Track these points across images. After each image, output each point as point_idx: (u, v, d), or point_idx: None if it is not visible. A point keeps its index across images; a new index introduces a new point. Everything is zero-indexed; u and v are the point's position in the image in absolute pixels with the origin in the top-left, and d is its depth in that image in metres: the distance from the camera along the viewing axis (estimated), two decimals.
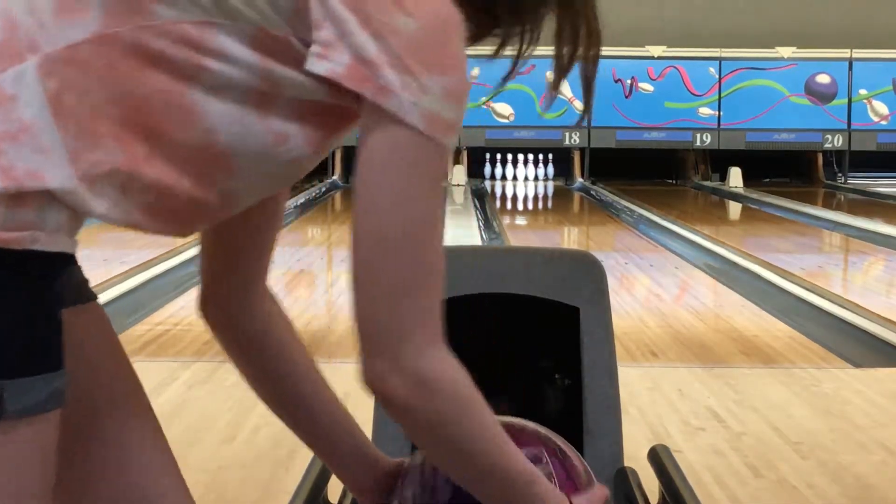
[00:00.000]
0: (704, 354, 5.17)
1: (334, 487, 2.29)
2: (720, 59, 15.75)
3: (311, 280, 7.57)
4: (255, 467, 3.41)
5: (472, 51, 1.29)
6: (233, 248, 1.51)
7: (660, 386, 4.44)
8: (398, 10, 1.19)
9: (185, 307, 5.98)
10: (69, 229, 1.22)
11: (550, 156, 15.95)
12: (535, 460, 1.48)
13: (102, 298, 5.65)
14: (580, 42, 1.37)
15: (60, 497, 1.31)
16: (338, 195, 14.28)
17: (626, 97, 15.60)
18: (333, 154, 15.68)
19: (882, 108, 15.74)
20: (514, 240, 9.65)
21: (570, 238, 10.36)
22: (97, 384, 1.40)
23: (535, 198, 14.44)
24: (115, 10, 1.19)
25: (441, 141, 1.22)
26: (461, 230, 9.68)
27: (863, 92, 15.76)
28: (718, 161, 15.78)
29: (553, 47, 1.37)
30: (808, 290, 6.68)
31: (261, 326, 1.55)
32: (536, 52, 1.39)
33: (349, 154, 15.84)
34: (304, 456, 3.37)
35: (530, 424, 1.64)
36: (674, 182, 16.20)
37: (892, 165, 15.95)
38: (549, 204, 13.95)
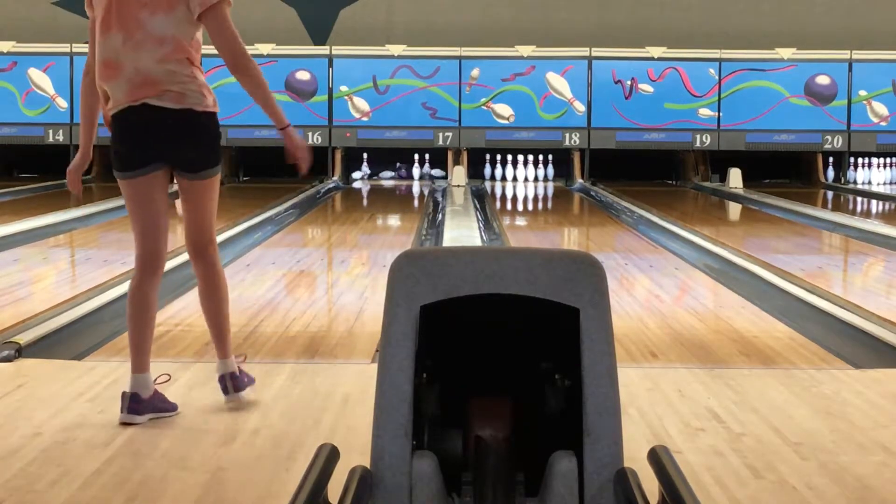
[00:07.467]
0: (704, 355, 5.17)
1: (334, 487, 2.29)
2: (720, 61, 15.76)
3: (311, 280, 7.57)
4: (255, 468, 3.41)
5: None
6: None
7: (660, 387, 4.44)
8: None
9: (186, 308, 5.98)
10: None
11: (550, 157, 15.96)
12: None
13: (103, 299, 5.68)
14: None
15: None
16: (338, 196, 14.27)
17: (626, 98, 15.59)
18: (333, 155, 15.66)
19: (882, 109, 15.74)
20: (514, 241, 9.64)
21: (569, 239, 10.36)
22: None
23: (535, 199, 14.44)
24: None
25: None
26: (461, 231, 9.68)
27: (862, 93, 15.76)
28: (718, 162, 15.78)
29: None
30: (807, 290, 6.67)
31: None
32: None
33: (349, 155, 15.83)
34: (304, 456, 3.38)
35: None
36: (674, 183, 16.20)
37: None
38: (549, 205, 13.94)
